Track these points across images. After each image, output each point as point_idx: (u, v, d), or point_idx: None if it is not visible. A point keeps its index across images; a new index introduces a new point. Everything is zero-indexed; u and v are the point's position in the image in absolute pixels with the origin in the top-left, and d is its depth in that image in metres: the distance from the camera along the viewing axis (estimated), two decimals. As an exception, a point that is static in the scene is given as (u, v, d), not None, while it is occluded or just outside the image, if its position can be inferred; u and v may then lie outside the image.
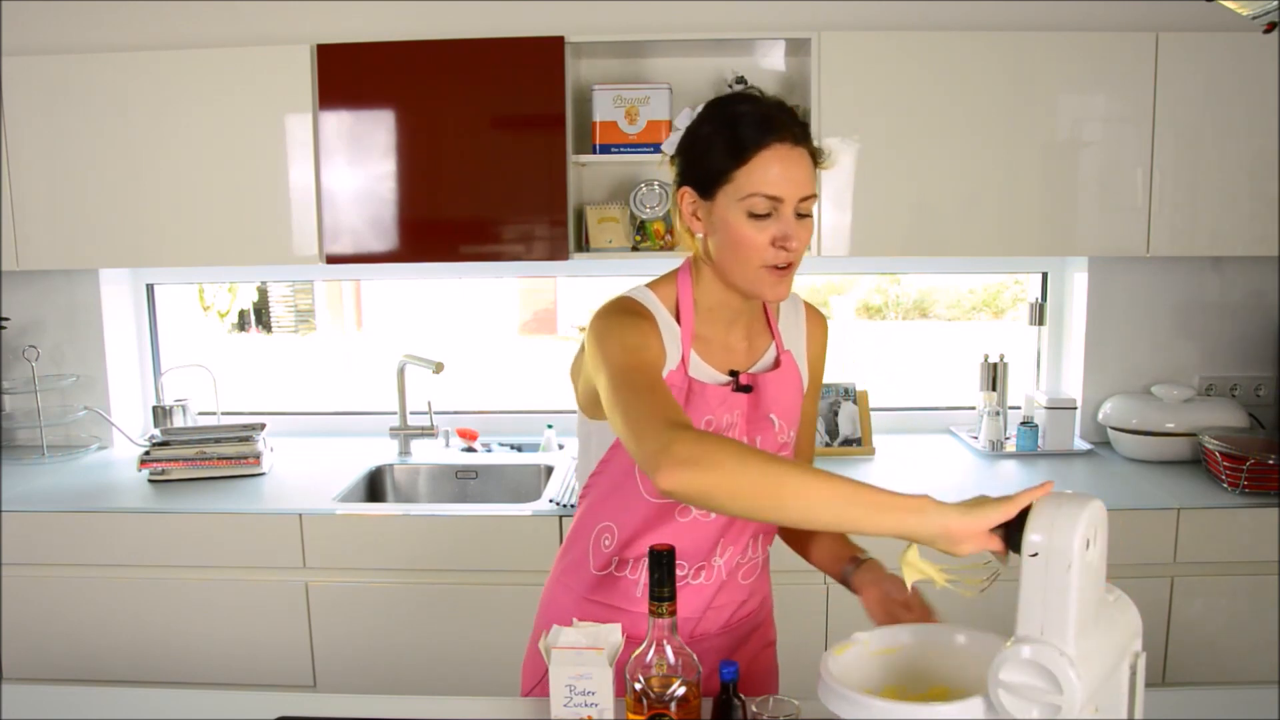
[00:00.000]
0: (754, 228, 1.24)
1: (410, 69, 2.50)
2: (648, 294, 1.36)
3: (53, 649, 2.42)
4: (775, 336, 1.42)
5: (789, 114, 1.26)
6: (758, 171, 1.23)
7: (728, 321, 1.36)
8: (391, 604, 2.36)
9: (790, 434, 1.40)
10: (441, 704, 1.39)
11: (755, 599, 1.46)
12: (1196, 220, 2.48)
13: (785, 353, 1.41)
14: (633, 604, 1.39)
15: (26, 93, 2.54)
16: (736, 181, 1.24)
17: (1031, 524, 0.93)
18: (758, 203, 1.23)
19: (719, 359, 1.36)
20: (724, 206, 1.26)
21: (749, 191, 1.23)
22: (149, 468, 2.59)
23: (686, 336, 1.33)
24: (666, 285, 1.37)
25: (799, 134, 1.25)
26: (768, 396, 1.36)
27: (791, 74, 2.72)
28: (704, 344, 1.35)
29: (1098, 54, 2.44)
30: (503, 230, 2.54)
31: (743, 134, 1.23)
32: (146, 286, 3.07)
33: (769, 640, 1.52)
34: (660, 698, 1.12)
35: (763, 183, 1.23)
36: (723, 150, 1.24)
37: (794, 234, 1.24)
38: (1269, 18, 1.30)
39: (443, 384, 2.89)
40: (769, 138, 1.23)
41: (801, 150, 1.25)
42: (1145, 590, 2.22)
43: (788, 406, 1.39)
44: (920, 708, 0.96)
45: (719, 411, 1.33)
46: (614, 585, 1.40)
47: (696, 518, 1.35)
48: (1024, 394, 2.90)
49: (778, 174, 1.22)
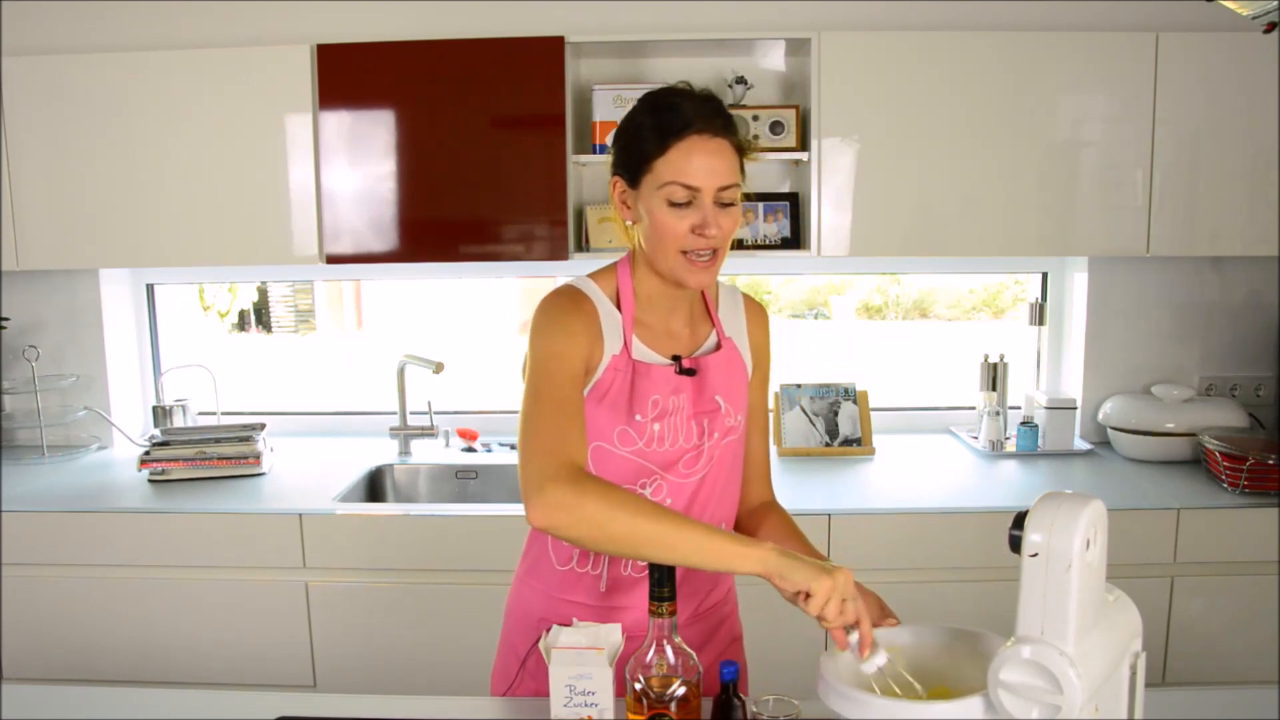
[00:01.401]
0: (673, 216, 1.28)
1: (410, 69, 2.50)
2: (589, 283, 1.39)
3: (53, 649, 2.42)
4: (716, 324, 1.45)
5: (712, 106, 1.30)
6: (676, 161, 1.26)
7: (667, 309, 1.40)
8: (391, 604, 2.36)
9: (738, 418, 1.42)
10: (442, 704, 1.39)
11: (720, 589, 1.49)
12: (1196, 220, 2.48)
13: (727, 339, 1.44)
14: (597, 599, 1.40)
15: (26, 93, 2.54)
16: (656, 170, 1.27)
17: (1031, 524, 0.93)
18: (676, 191, 1.27)
19: (662, 345, 1.39)
20: (647, 195, 1.29)
21: (667, 180, 1.27)
22: (149, 468, 2.59)
23: (627, 323, 1.36)
24: (607, 276, 1.41)
25: (720, 125, 1.28)
26: (712, 379, 1.39)
27: (791, 74, 2.72)
28: (646, 330, 1.38)
29: (1098, 54, 2.44)
30: (503, 230, 2.54)
31: (663, 124, 1.27)
32: (146, 286, 3.07)
33: (735, 635, 1.54)
34: (660, 698, 1.12)
35: (680, 172, 1.26)
36: (645, 140, 1.28)
37: (712, 222, 1.27)
38: (1269, 18, 1.30)
39: (443, 384, 2.89)
40: (688, 129, 1.26)
41: (722, 141, 1.28)
42: (1145, 590, 2.22)
43: (732, 390, 1.42)
44: (920, 707, 0.96)
45: (664, 392, 1.35)
46: (578, 581, 1.41)
47: None
48: (1024, 394, 2.90)
49: (695, 164, 1.26)
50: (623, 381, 1.34)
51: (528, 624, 1.45)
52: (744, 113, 2.54)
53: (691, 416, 1.37)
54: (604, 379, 1.34)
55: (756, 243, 2.67)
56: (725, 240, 1.30)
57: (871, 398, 2.87)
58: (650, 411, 1.34)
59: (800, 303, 4.97)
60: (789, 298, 4.92)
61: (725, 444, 1.41)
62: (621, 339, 1.36)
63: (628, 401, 1.33)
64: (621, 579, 1.40)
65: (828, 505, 2.32)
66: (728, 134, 1.29)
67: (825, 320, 5.14)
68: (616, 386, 1.34)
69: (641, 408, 1.34)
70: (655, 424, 1.34)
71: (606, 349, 1.34)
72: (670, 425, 1.35)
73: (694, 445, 1.37)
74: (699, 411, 1.37)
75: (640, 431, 1.34)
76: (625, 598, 1.40)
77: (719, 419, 1.39)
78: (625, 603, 1.40)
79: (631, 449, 1.34)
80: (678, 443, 1.36)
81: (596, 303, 1.36)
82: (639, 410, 1.33)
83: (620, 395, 1.34)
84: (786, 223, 2.67)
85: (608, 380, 1.34)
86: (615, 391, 1.34)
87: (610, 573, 1.39)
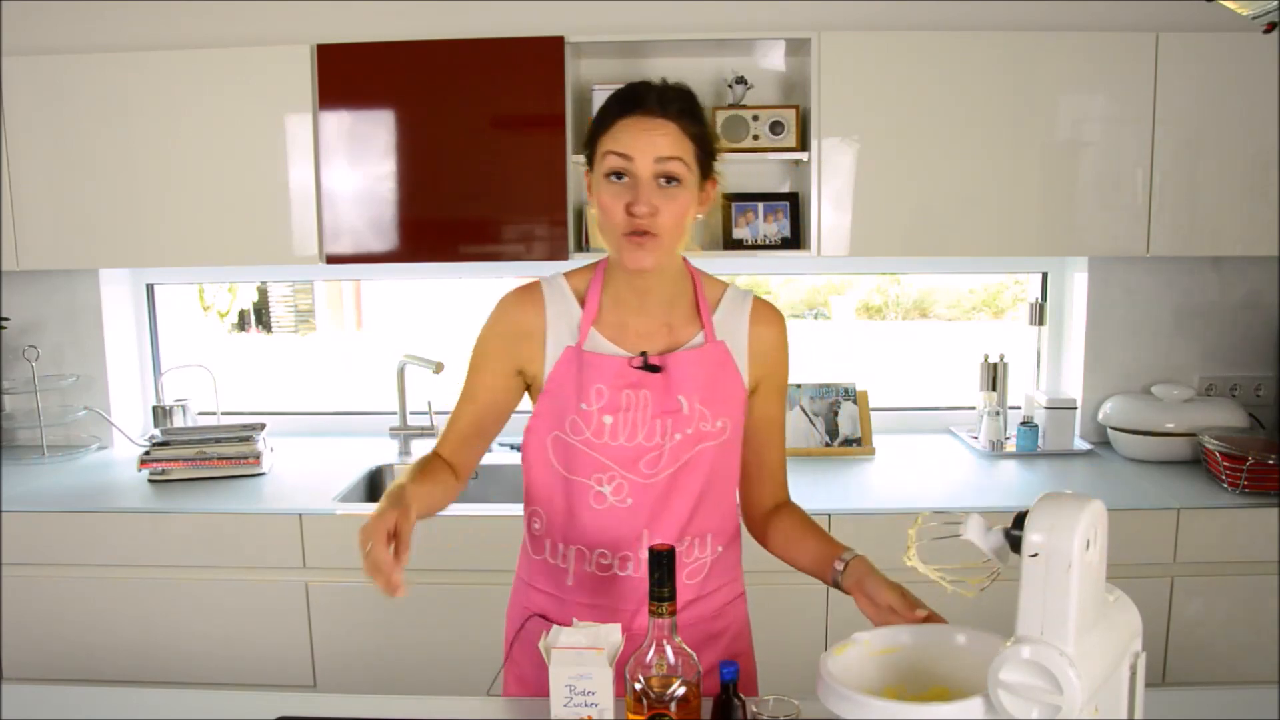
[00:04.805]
0: (611, 192, 1.29)
1: (410, 69, 2.50)
2: (555, 281, 1.42)
3: (53, 649, 2.42)
4: (706, 326, 1.41)
5: (673, 94, 1.31)
6: (616, 133, 1.29)
7: (636, 305, 1.39)
8: (391, 604, 2.36)
9: (717, 423, 1.38)
10: (442, 704, 1.39)
11: (708, 604, 1.44)
12: (1196, 220, 2.48)
13: (717, 343, 1.40)
14: (565, 592, 1.42)
15: (26, 93, 2.54)
16: (602, 145, 1.31)
17: (1031, 524, 0.93)
18: (611, 160, 1.29)
19: (631, 341, 1.39)
20: (596, 176, 1.32)
21: (605, 150, 1.30)
22: (149, 468, 2.59)
23: (587, 319, 1.38)
24: (585, 272, 1.43)
25: (675, 111, 1.29)
26: (677, 379, 1.36)
27: (791, 74, 2.72)
28: (615, 328, 1.39)
29: (1098, 54, 2.44)
30: (503, 230, 2.54)
31: (618, 104, 1.31)
32: (146, 286, 3.07)
33: (736, 652, 1.48)
34: (660, 698, 1.12)
35: (616, 141, 1.29)
36: (600, 119, 1.32)
37: (645, 199, 1.27)
38: (1269, 18, 1.30)
39: (443, 384, 2.89)
40: (634, 107, 1.29)
41: (664, 121, 1.28)
42: (1145, 590, 2.22)
43: (705, 391, 1.37)
44: (920, 708, 0.96)
45: (612, 384, 1.35)
46: (550, 571, 1.43)
47: (613, 505, 1.37)
48: (1024, 394, 2.90)
49: (633, 136, 1.28)
50: (572, 372, 1.36)
51: (514, 611, 1.50)
52: (744, 113, 2.54)
53: (655, 415, 1.36)
54: (556, 371, 1.37)
55: (756, 243, 2.67)
56: (669, 225, 1.29)
57: (871, 398, 2.86)
58: (595, 401, 1.35)
59: (800, 303, 4.98)
60: (789, 298, 4.92)
61: (701, 449, 1.37)
62: (578, 335, 1.37)
63: (575, 390, 1.36)
64: (586, 575, 1.41)
65: (828, 505, 2.32)
66: (681, 118, 1.29)
67: (825, 320, 5.14)
68: (566, 377, 1.36)
69: (586, 396, 1.35)
70: (606, 416, 1.35)
71: (558, 343, 1.37)
72: (627, 420, 1.35)
73: (655, 445, 1.36)
74: (661, 411, 1.36)
75: (587, 420, 1.35)
76: (592, 594, 1.41)
77: (682, 420, 1.36)
78: (595, 600, 1.41)
79: (580, 438, 1.36)
80: (636, 439, 1.35)
81: (551, 300, 1.39)
82: (584, 399, 1.35)
83: (569, 384, 1.36)
84: (786, 223, 2.67)
85: (559, 372, 1.37)
86: (565, 381, 1.36)
87: (576, 567, 1.41)
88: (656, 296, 1.38)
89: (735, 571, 1.50)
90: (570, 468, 1.38)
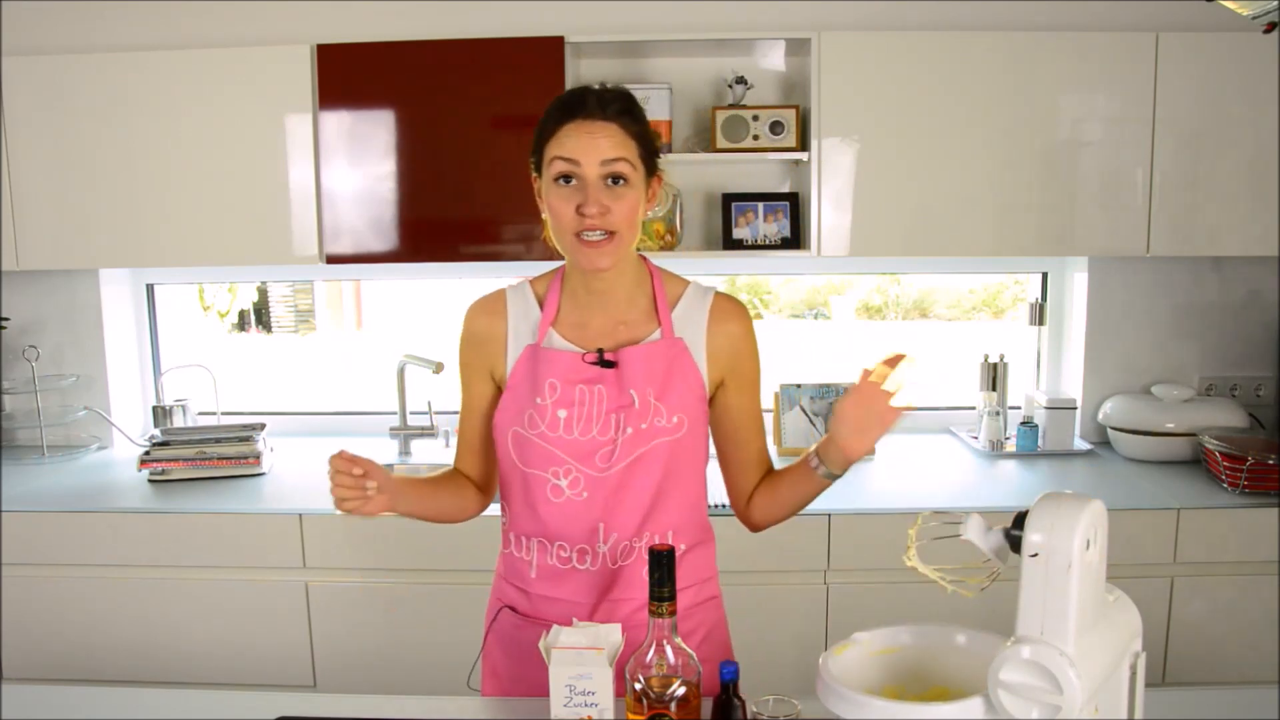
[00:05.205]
0: (560, 196, 1.33)
1: (410, 69, 2.50)
2: (520, 286, 1.47)
3: (53, 649, 2.42)
4: (664, 323, 1.42)
5: (610, 97, 1.34)
6: (561, 138, 1.33)
7: (596, 304, 1.42)
8: (391, 604, 2.36)
9: (673, 419, 1.38)
10: (441, 704, 1.39)
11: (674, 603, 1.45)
12: (1196, 220, 2.48)
13: (674, 339, 1.41)
14: (529, 584, 1.44)
15: (26, 93, 2.54)
16: (548, 152, 1.34)
17: (1031, 524, 0.93)
18: (558, 165, 1.32)
19: (589, 339, 1.42)
20: (545, 182, 1.36)
21: (551, 156, 1.33)
22: (149, 468, 2.59)
23: (546, 319, 1.43)
24: (548, 275, 1.48)
25: (614, 112, 1.33)
26: (629, 373, 1.38)
27: (791, 74, 2.72)
28: (574, 327, 1.42)
29: (1098, 54, 2.44)
30: (503, 230, 2.54)
31: (552, 113, 1.35)
32: (146, 286, 3.07)
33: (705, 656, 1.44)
34: (660, 698, 1.12)
35: (561, 147, 1.32)
36: (543, 128, 1.36)
37: (595, 200, 1.30)
38: (1269, 18, 1.30)
39: (443, 384, 2.89)
40: (575, 113, 1.33)
41: (607, 123, 1.32)
42: (1145, 590, 2.22)
43: (660, 386, 1.38)
44: (920, 708, 0.96)
45: (566, 377, 1.39)
46: (517, 565, 1.46)
47: (570, 498, 1.39)
48: (1024, 394, 2.90)
49: (577, 141, 1.32)
50: (530, 369, 1.40)
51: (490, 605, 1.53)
52: (744, 113, 2.54)
53: (609, 410, 1.38)
54: (515, 368, 1.42)
55: (756, 243, 2.67)
56: (620, 222, 1.33)
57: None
58: (549, 395, 1.38)
59: (800, 303, 4.98)
60: (789, 298, 4.93)
61: (657, 445, 1.38)
62: (536, 335, 1.42)
63: (530, 386, 1.39)
64: (548, 568, 1.42)
65: (828, 505, 2.31)
66: (620, 119, 1.33)
67: (825, 320, 5.14)
68: (524, 374, 1.40)
69: (540, 391, 1.38)
70: (561, 410, 1.38)
71: (519, 343, 1.42)
72: (582, 414, 1.38)
73: (609, 439, 1.37)
74: (616, 405, 1.38)
75: (542, 414, 1.38)
76: (555, 587, 1.42)
77: (634, 414, 1.37)
78: (555, 593, 1.42)
79: (536, 432, 1.38)
80: (590, 433, 1.38)
81: (513, 304, 1.45)
82: (538, 393, 1.38)
83: (526, 380, 1.40)
84: (786, 223, 2.67)
85: (518, 369, 1.41)
86: (523, 378, 1.40)
87: (539, 560, 1.43)
88: (614, 295, 1.42)
89: (706, 574, 1.49)
90: (527, 461, 1.40)
